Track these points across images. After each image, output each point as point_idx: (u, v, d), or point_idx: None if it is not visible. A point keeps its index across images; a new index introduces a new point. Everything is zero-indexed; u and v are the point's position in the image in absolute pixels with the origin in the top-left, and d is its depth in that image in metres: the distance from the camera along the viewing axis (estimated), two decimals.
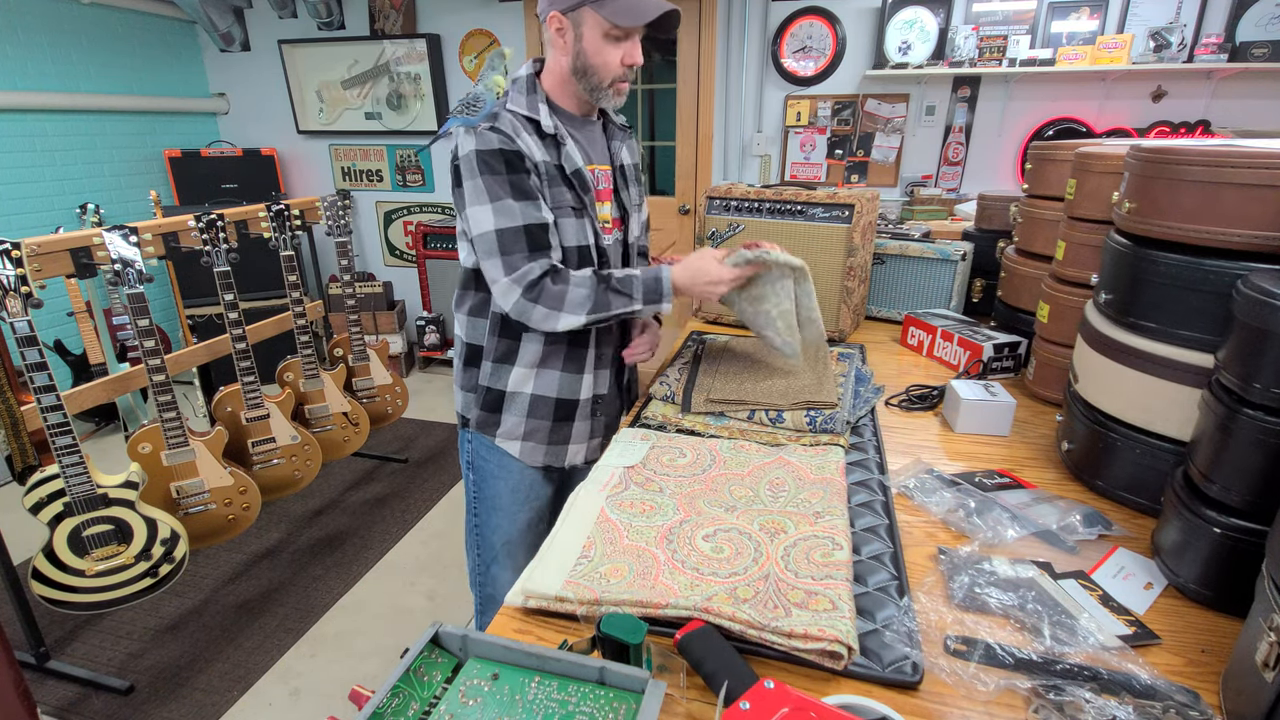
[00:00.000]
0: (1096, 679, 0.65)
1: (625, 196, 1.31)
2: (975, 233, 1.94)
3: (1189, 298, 0.87)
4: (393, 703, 0.56)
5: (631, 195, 1.34)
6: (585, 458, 1.36)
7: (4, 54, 3.19)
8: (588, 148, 1.24)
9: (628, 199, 1.32)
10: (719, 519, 0.90)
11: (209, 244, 2.12)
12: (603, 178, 1.26)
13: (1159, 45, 2.79)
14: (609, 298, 1.15)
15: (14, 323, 1.64)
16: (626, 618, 0.63)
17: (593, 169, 1.23)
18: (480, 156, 1.11)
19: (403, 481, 3.05)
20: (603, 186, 1.26)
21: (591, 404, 1.32)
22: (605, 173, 1.27)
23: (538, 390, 1.27)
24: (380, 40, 3.88)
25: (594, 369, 1.30)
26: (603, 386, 1.33)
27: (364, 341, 2.77)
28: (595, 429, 1.36)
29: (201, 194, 3.92)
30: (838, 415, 1.15)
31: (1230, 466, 0.74)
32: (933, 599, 0.78)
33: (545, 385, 1.27)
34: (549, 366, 1.27)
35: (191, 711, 1.81)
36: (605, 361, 1.31)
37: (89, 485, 1.78)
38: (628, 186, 1.33)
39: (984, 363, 1.45)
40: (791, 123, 3.46)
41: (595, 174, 1.24)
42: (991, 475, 1.06)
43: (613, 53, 1.13)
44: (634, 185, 1.36)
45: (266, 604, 2.24)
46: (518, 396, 1.28)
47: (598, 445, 1.37)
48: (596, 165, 1.25)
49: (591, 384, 1.31)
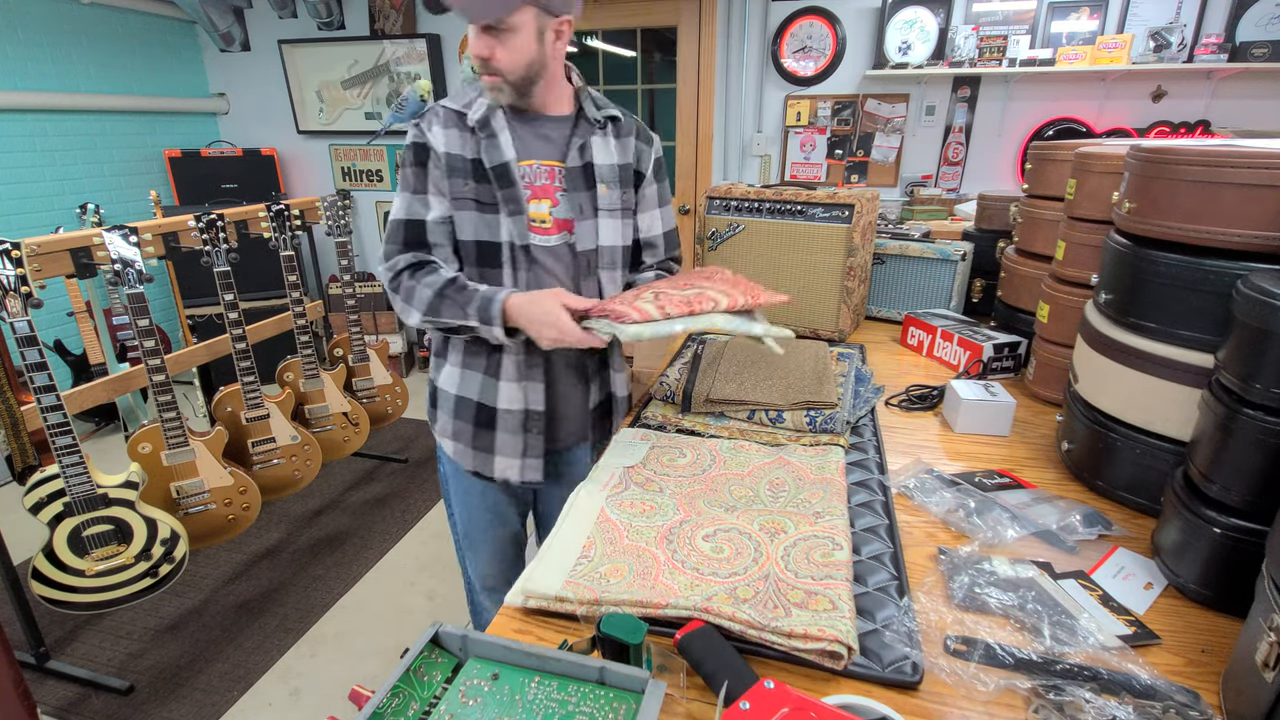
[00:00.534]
0: (1096, 679, 0.65)
1: (578, 198, 1.18)
2: (975, 233, 1.94)
3: (1189, 298, 0.87)
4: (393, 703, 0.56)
5: (603, 199, 1.20)
6: (521, 476, 1.23)
7: (4, 54, 3.19)
8: (532, 142, 1.16)
9: (584, 201, 1.18)
10: (719, 519, 0.90)
11: (209, 244, 2.12)
12: (545, 174, 1.17)
13: (1159, 45, 2.79)
14: (442, 304, 1.11)
15: (14, 323, 1.64)
16: (626, 618, 0.63)
17: (531, 164, 1.16)
18: (403, 151, 1.16)
19: (403, 481, 3.05)
20: (544, 183, 1.17)
21: (523, 418, 1.21)
22: (551, 169, 1.17)
23: (462, 390, 1.23)
24: (380, 40, 3.88)
25: (520, 379, 1.19)
26: (537, 402, 1.20)
27: (364, 341, 2.77)
28: (531, 447, 1.23)
29: (201, 194, 3.92)
30: (838, 415, 1.15)
31: (1230, 466, 0.74)
32: (933, 599, 0.78)
33: (468, 386, 1.22)
34: (470, 367, 1.22)
35: (191, 711, 1.81)
36: (537, 375, 1.20)
37: (89, 485, 1.78)
38: (587, 188, 1.19)
39: (984, 363, 1.45)
40: (791, 123, 3.46)
41: (534, 169, 1.16)
42: (991, 475, 1.06)
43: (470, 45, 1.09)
44: (614, 189, 1.21)
45: (266, 604, 2.24)
46: (447, 393, 1.25)
47: (537, 466, 1.24)
48: (539, 160, 1.17)
49: (518, 396, 1.20)
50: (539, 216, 1.17)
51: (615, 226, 1.23)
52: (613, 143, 1.21)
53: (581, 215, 1.19)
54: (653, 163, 1.27)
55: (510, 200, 1.13)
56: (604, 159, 1.20)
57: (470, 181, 1.13)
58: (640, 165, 1.25)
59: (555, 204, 1.18)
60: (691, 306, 1.00)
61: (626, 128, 1.23)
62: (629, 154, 1.23)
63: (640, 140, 1.25)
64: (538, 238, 1.17)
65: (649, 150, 1.26)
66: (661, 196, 1.30)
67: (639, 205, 1.27)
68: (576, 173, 1.18)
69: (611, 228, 1.22)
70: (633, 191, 1.25)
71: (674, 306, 1.00)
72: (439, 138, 1.12)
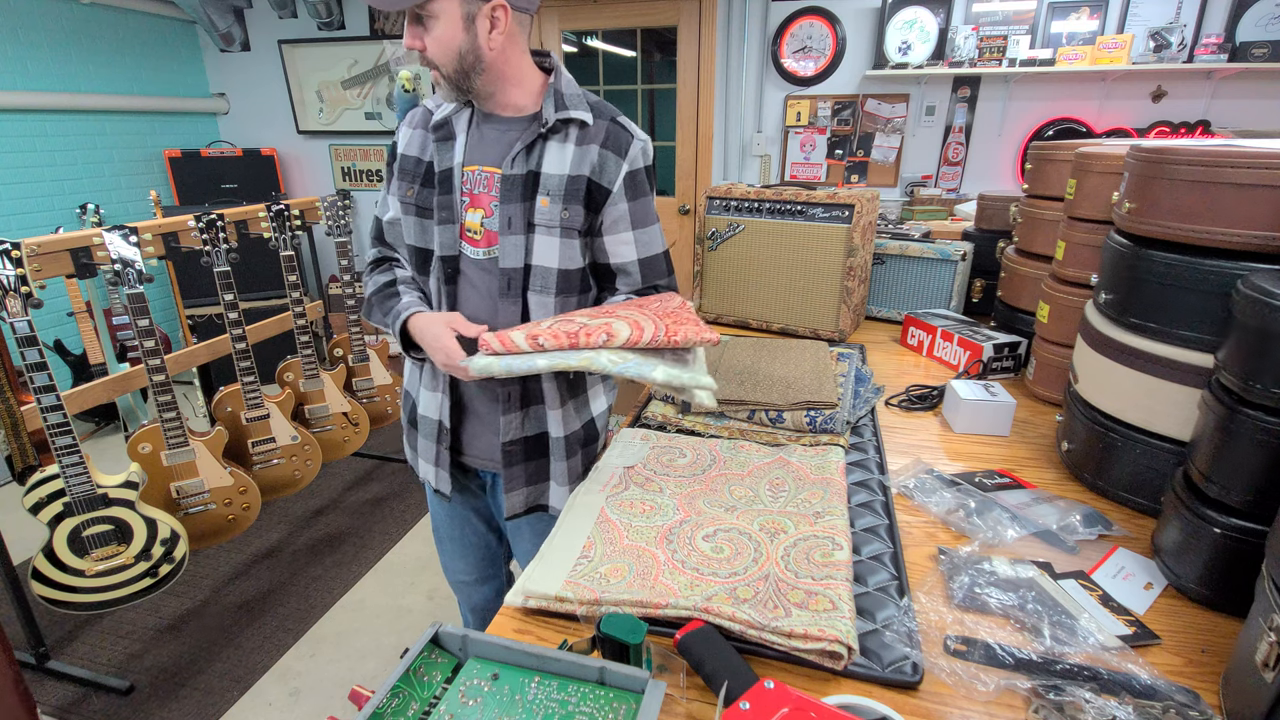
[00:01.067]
0: (1096, 679, 0.65)
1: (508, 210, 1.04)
2: (975, 233, 1.94)
3: (1189, 298, 0.87)
4: (393, 703, 0.56)
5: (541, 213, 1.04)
6: (436, 484, 1.22)
7: (4, 54, 3.19)
8: (482, 146, 1.07)
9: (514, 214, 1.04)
10: (719, 519, 0.90)
11: (209, 244, 2.12)
12: (484, 181, 1.06)
13: (1159, 45, 2.79)
14: (373, 309, 1.16)
15: (14, 323, 1.64)
16: (626, 618, 0.63)
17: (473, 169, 1.07)
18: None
19: (403, 481, 3.04)
20: (480, 191, 1.07)
21: (435, 428, 1.17)
22: (490, 176, 1.06)
23: (408, 383, 1.25)
24: (380, 40, 3.88)
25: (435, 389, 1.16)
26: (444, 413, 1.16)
27: (364, 341, 2.77)
28: (440, 458, 1.19)
29: (201, 194, 3.92)
30: (838, 415, 1.15)
31: (1230, 466, 0.74)
32: (933, 599, 0.78)
33: (411, 381, 1.24)
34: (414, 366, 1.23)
35: (191, 711, 1.81)
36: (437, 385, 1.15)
37: (89, 485, 1.78)
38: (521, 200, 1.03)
39: (984, 363, 1.45)
40: (791, 123, 3.46)
41: (476, 175, 1.07)
42: (991, 475, 1.06)
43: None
44: (556, 203, 1.04)
45: (266, 604, 2.24)
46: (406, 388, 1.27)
47: (446, 479, 1.20)
48: (481, 166, 1.06)
49: (433, 404, 1.17)
50: (471, 226, 1.08)
51: (552, 245, 1.06)
52: (570, 149, 1.04)
53: (510, 229, 1.04)
54: (623, 177, 1.06)
55: (443, 207, 1.07)
56: (554, 168, 1.04)
57: (415, 186, 1.10)
58: (602, 178, 1.05)
59: (489, 214, 1.06)
60: (574, 340, 0.89)
61: (593, 134, 1.04)
62: (585, 165, 1.04)
63: (607, 149, 1.04)
64: (469, 249, 1.09)
65: (618, 162, 1.05)
66: (637, 217, 1.09)
67: (605, 227, 1.09)
68: (515, 181, 1.03)
69: (548, 246, 1.06)
70: (581, 209, 1.05)
71: (551, 339, 0.90)
72: (404, 137, 1.13)
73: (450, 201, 1.07)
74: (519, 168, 1.03)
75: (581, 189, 1.04)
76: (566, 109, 1.03)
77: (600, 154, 1.04)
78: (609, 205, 1.07)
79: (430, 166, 1.09)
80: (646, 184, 1.10)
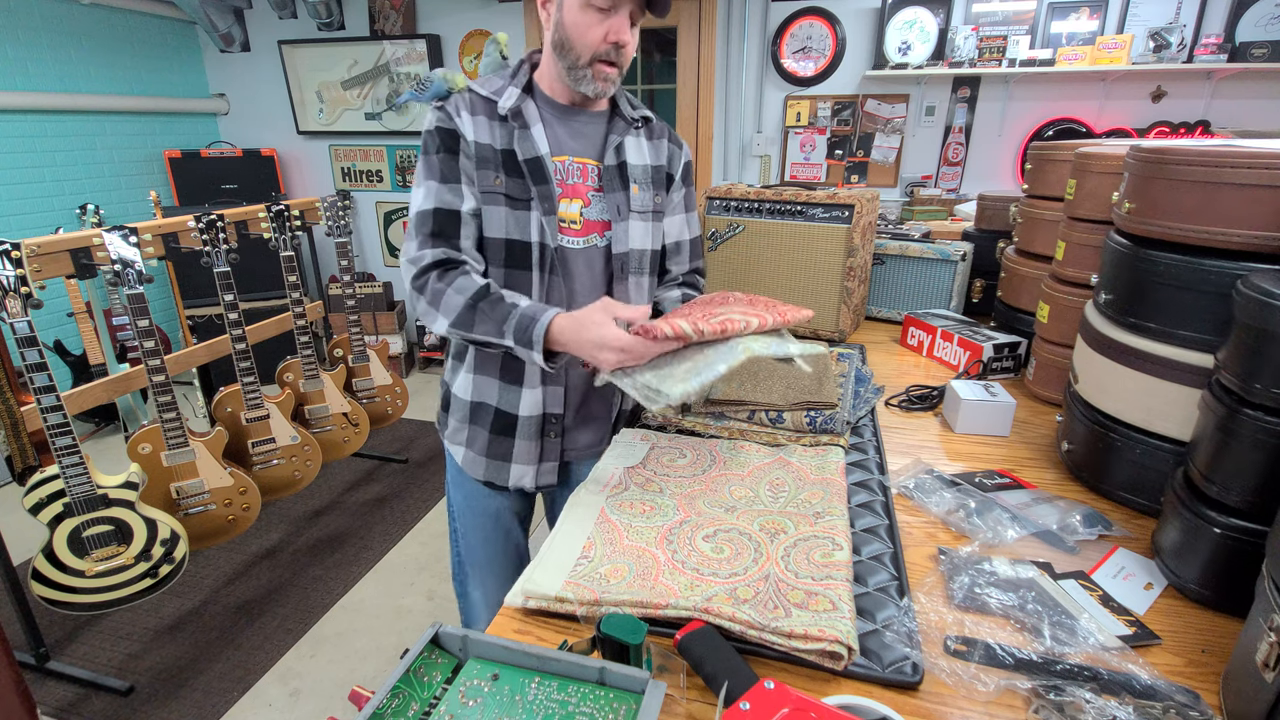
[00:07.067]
0: (1096, 679, 0.65)
1: (615, 199, 1.13)
2: (975, 233, 1.94)
3: (1189, 298, 0.87)
4: (393, 703, 0.56)
5: (635, 200, 1.15)
6: (535, 482, 1.21)
7: (4, 54, 3.19)
8: (568, 138, 1.11)
9: (620, 202, 1.14)
10: (719, 519, 0.90)
11: (209, 244, 2.12)
12: (578, 172, 1.11)
13: (1159, 45, 2.80)
14: (474, 317, 1.01)
15: (14, 323, 1.64)
16: (626, 618, 0.63)
17: (564, 159, 1.10)
18: (424, 136, 1.08)
19: (402, 482, 3.05)
20: (575, 181, 1.11)
21: (540, 423, 1.17)
22: (585, 167, 1.12)
23: (477, 395, 1.17)
24: (380, 41, 3.88)
25: (541, 384, 1.15)
26: (556, 405, 1.17)
27: (364, 342, 2.77)
28: (549, 451, 1.20)
29: (201, 194, 3.92)
30: (838, 415, 1.15)
31: (1230, 466, 0.74)
32: (933, 599, 0.78)
33: (484, 390, 1.16)
34: (485, 372, 1.16)
35: (191, 712, 1.81)
36: (559, 377, 1.16)
37: (89, 486, 1.78)
38: (624, 189, 1.14)
39: (984, 363, 1.45)
40: (791, 123, 3.46)
41: (567, 166, 1.10)
42: (991, 475, 1.06)
43: (593, 25, 1.01)
44: (645, 190, 1.17)
45: (266, 604, 2.24)
46: (460, 398, 1.20)
47: (552, 470, 1.22)
48: (573, 157, 1.11)
49: (538, 401, 1.16)
50: (569, 217, 1.11)
51: (646, 229, 1.18)
52: (645, 143, 1.18)
53: (619, 216, 1.13)
54: (683, 166, 1.23)
55: (545, 197, 1.07)
56: (637, 159, 1.16)
57: (501, 175, 1.06)
58: (671, 168, 1.21)
59: (587, 204, 1.12)
60: (724, 326, 0.93)
61: (659, 129, 1.21)
62: (661, 156, 1.20)
63: (672, 143, 1.22)
64: (566, 239, 1.11)
65: (680, 154, 1.23)
66: (688, 202, 1.26)
67: (667, 209, 1.23)
68: (613, 172, 1.13)
69: (643, 230, 1.17)
70: (664, 194, 1.20)
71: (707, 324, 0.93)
72: (468, 124, 1.06)
73: (549, 191, 1.07)
74: (615, 159, 1.14)
75: (662, 178, 1.20)
76: (634, 109, 1.18)
77: (669, 148, 1.22)
78: (673, 191, 1.22)
79: (511, 155, 1.06)
80: (692, 175, 1.27)
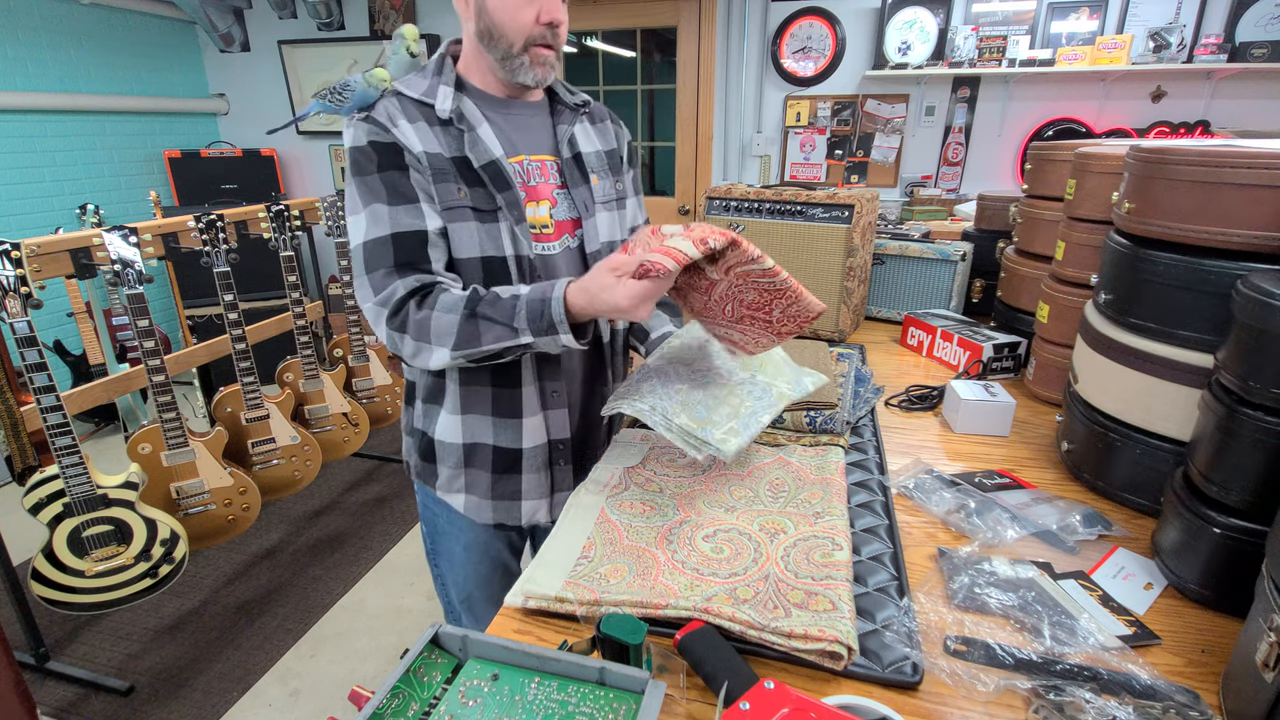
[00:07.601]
0: (1096, 679, 0.65)
1: (581, 194, 1.04)
2: (975, 233, 1.94)
3: (1188, 298, 0.87)
4: (393, 703, 0.56)
5: (598, 191, 1.06)
6: (550, 516, 1.12)
7: (4, 54, 3.19)
8: (514, 134, 1.01)
9: (586, 196, 1.05)
10: (719, 519, 0.90)
11: (209, 244, 2.12)
12: (537, 171, 1.01)
13: (1158, 45, 2.79)
14: (478, 328, 0.88)
15: (14, 323, 1.64)
16: (626, 618, 0.63)
17: (520, 160, 1.00)
18: (352, 154, 0.94)
19: (402, 482, 3.04)
20: (537, 182, 1.01)
21: (547, 452, 1.08)
22: (544, 164, 1.02)
23: (469, 437, 1.05)
24: (380, 41, 3.88)
25: (543, 409, 1.05)
26: (561, 430, 1.08)
27: (364, 342, 2.77)
28: (560, 480, 1.11)
29: (201, 194, 3.92)
30: (838, 415, 1.15)
31: (1230, 466, 0.74)
32: (933, 599, 0.78)
33: (477, 430, 1.05)
34: (474, 411, 1.04)
35: (191, 712, 1.81)
36: (560, 400, 1.06)
37: (89, 486, 1.78)
38: (585, 181, 1.05)
39: (984, 363, 1.45)
40: (791, 123, 3.46)
41: (525, 166, 1.00)
42: (991, 475, 1.06)
43: (522, 7, 0.91)
44: (605, 178, 1.08)
45: (266, 604, 2.24)
46: (448, 443, 1.07)
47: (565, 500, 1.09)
48: (529, 155, 1.01)
49: (541, 429, 1.06)
50: (538, 221, 1.01)
51: (613, 219, 1.09)
52: (591, 129, 1.09)
53: (587, 212, 1.05)
54: (627, 146, 1.16)
55: (512, 204, 0.96)
56: (589, 146, 1.07)
57: (463, 186, 0.95)
58: (620, 150, 1.14)
59: (554, 204, 1.02)
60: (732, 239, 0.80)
61: (599, 112, 1.14)
62: (609, 139, 1.13)
63: (615, 124, 1.16)
64: (540, 246, 1.01)
65: (623, 133, 1.16)
66: (636, 185, 1.20)
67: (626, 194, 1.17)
68: (572, 165, 1.04)
69: (609, 221, 1.09)
70: (621, 179, 1.13)
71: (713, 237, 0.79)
72: (410, 134, 0.93)
73: (514, 197, 0.97)
74: (569, 151, 1.05)
75: (617, 161, 1.13)
76: (571, 94, 1.09)
77: (613, 128, 1.15)
78: (624, 174, 1.15)
79: (465, 162, 0.95)
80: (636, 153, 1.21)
